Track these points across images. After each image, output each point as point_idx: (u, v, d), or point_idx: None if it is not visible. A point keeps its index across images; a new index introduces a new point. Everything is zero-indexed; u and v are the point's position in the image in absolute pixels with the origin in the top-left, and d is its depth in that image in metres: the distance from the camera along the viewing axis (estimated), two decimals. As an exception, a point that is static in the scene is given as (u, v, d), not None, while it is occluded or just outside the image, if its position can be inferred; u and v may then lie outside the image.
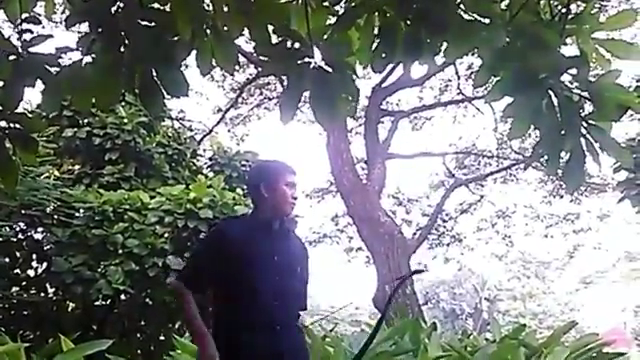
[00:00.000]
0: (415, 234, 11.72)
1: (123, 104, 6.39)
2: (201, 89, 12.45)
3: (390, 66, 6.90)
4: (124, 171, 6.17)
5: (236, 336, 2.11)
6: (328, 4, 1.88)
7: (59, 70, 1.79)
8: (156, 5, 1.76)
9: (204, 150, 8.63)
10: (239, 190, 5.62)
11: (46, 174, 5.28)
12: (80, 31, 3.24)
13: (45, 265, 5.31)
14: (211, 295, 2.23)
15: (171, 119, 8.64)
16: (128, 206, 5.24)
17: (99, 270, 4.88)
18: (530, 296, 27.60)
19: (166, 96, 1.78)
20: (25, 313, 5.42)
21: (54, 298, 5.47)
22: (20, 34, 1.84)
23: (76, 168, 6.28)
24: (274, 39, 1.76)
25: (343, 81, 1.73)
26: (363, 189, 9.13)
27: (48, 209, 5.13)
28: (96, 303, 5.23)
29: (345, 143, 9.55)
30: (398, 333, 4.30)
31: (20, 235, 5.42)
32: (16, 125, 1.89)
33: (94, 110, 5.92)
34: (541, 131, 1.78)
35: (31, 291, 5.42)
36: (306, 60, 1.71)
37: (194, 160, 7.54)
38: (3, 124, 1.88)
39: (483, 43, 1.76)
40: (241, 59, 10.00)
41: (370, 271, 9.42)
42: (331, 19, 1.88)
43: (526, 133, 1.94)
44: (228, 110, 12.04)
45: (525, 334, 4.52)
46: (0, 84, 1.81)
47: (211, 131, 10.91)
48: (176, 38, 1.71)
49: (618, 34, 2.00)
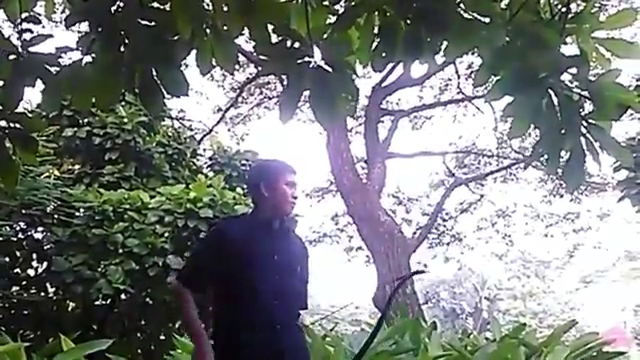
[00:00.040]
0: (415, 233, 11.71)
1: (123, 104, 6.39)
2: (201, 88, 12.45)
3: (390, 65, 6.90)
4: (124, 171, 6.18)
5: (236, 335, 2.11)
6: (328, 3, 1.88)
7: (59, 70, 1.79)
8: (156, 5, 1.76)
9: (204, 150, 8.63)
10: (239, 189, 5.63)
11: (46, 174, 5.28)
12: (80, 31, 3.25)
13: (45, 264, 5.33)
14: (211, 294, 2.23)
15: (171, 119, 8.64)
16: (128, 206, 5.25)
17: (99, 269, 4.90)
18: (530, 295, 27.62)
19: (166, 96, 1.77)
20: (25, 313, 5.43)
21: (54, 298, 5.48)
22: (20, 34, 1.84)
23: (76, 168, 6.29)
24: (274, 38, 1.76)
25: (343, 80, 1.72)
26: (363, 188, 9.13)
27: (48, 209, 5.14)
28: (96, 303, 5.25)
29: (345, 142, 9.55)
30: (398, 332, 4.29)
31: (20, 234, 5.43)
32: (16, 125, 1.89)
33: (94, 110, 5.92)
34: (541, 130, 1.78)
35: (31, 290, 5.43)
36: (306, 59, 1.70)
37: (194, 160, 7.55)
38: (3, 124, 1.88)
39: (483, 42, 1.76)
40: (241, 58, 10.01)
41: (370, 270, 9.43)
42: (331, 18, 1.88)
43: (526, 132, 1.94)
44: (228, 109, 12.03)
45: (525, 333, 4.52)
46: (0, 84, 1.81)
47: (211, 130, 10.91)
48: (176, 38, 1.71)
49: (618, 33, 1.99)
